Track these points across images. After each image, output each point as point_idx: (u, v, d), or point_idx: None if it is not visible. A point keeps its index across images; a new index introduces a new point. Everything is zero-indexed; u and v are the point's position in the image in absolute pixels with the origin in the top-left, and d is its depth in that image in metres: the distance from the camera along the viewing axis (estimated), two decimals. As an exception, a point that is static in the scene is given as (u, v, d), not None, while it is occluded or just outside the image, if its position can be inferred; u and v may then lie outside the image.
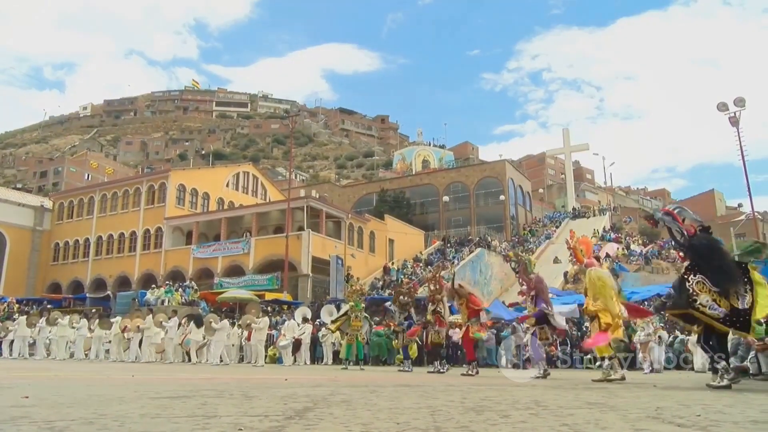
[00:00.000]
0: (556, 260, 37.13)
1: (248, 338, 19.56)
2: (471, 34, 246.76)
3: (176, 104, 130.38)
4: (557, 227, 47.45)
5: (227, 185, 43.78)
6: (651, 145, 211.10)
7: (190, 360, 18.74)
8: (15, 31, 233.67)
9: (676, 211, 6.93)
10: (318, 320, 21.63)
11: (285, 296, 29.36)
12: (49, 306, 31.40)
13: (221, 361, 17.43)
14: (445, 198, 51.71)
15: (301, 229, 34.33)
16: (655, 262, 34.92)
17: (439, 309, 12.06)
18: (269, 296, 29.14)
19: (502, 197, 50.24)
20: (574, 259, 9.52)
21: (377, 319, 20.99)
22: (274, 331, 21.24)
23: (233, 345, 20.66)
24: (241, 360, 20.35)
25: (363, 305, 15.07)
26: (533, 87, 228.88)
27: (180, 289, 30.54)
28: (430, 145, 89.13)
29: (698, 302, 6.23)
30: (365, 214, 42.08)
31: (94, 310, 30.90)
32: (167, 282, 32.65)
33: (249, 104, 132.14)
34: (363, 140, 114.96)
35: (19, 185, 71.05)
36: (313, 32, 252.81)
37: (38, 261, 42.66)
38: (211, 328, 17.81)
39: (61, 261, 42.89)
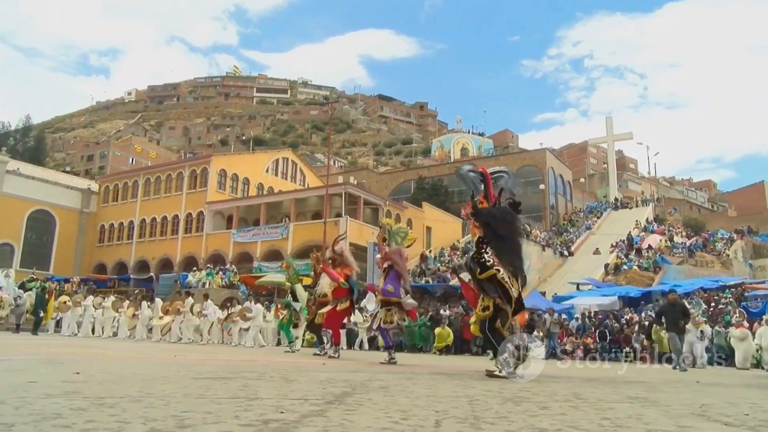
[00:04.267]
0: (596, 252, 36.54)
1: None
2: (511, 20, 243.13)
3: (218, 90, 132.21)
4: (598, 218, 46.63)
5: (267, 171, 44.28)
6: (697, 134, 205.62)
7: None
8: (63, 20, 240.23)
9: (493, 176, 6.30)
10: (357, 306, 21.74)
11: (322, 282, 29.57)
12: (94, 286, 32.42)
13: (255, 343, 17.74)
14: (484, 186, 51.17)
15: (339, 215, 34.54)
16: (699, 255, 34.04)
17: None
18: (307, 281, 29.37)
19: (541, 186, 49.52)
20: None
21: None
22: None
23: (272, 328, 20.98)
24: (279, 343, 20.63)
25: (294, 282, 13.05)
26: (574, 74, 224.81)
27: (220, 272, 31.13)
28: (469, 132, 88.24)
29: (501, 273, 5.82)
30: (403, 202, 42.04)
31: (137, 291, 31.77)
32: (208, 265, 33.31)
33: (288, 90, 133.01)
34: (401, 127, 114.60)
35: (67, 168, 73.18)
36: (350, 18, 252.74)
37: (85, 242, 44.02)
38: (246, 317, 18.22)
39: (106, 243, 44.13)
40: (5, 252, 39.24)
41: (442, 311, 21.89)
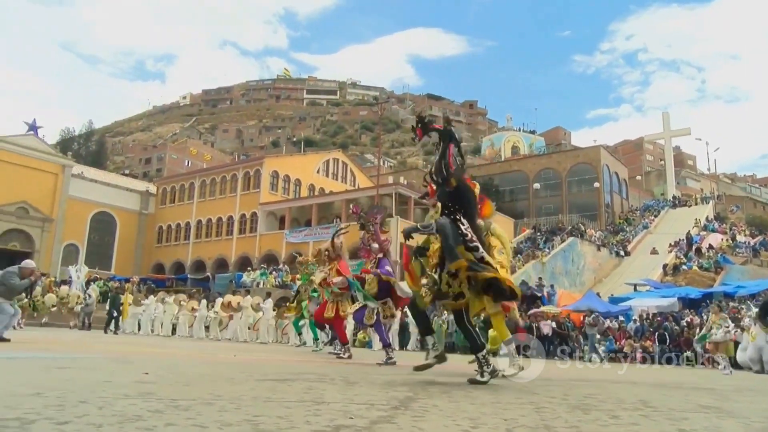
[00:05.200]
0: (653, 251, 35.47)
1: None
2: (561, 15, 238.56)
3: (269, 93, 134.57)
4: (656, 216, 45.26)
5: (318, 172, 44.80)
6: (760, 128, 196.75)
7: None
8: (121, 27, 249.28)
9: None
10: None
11: (374, 282, 29.68)
12: (153, 286, 33.49)
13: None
14: (536, 185, 50.47)
15: (389, 215, 34.62)
16: (765, 255, 32.61)
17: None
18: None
19: (596, 184, 48.41)
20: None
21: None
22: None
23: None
24: (331, 342, 20.82)
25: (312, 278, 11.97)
26: (628, 69, 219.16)
27: (274, 272, 31.64)
28: (519, 130, 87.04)
29: (485, 257, 4.81)
30: (453, 201, 41.75)
31: (194, 291, 32.64)
32: (262, 265, 33.91)
33: (338, 91, 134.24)
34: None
35: (126, 171, 75.78)
36: (398, 17, 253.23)
37: (144, 242, 45.53)
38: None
39: (164, 243, 45.52)
40: (71, 252, 40.95)
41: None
